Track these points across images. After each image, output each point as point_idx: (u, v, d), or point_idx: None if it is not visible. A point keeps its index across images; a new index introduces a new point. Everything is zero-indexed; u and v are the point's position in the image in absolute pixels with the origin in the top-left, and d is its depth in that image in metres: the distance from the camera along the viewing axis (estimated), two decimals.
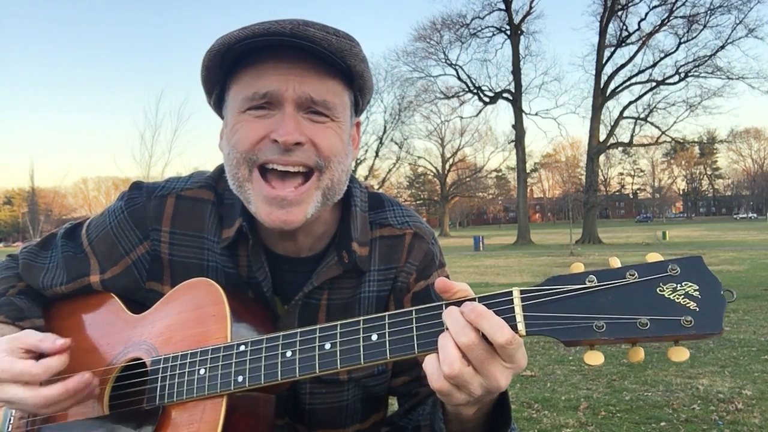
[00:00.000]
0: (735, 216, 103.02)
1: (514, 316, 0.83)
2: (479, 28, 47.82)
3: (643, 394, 5.11)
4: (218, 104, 1.12)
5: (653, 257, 0.81)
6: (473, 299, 0.86)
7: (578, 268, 0.84)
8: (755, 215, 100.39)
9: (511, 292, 0.84)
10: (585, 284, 0.81)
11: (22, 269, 1.26)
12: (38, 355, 1.05)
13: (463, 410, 0.92)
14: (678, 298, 0.77)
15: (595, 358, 0.80)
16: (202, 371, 0.99)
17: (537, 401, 5.04)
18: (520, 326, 0.82)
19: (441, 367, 0.82)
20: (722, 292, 0.76)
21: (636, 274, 0.79)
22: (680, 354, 0.77)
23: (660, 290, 0.78)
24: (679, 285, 0.77)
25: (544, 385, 5.56)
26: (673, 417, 4.52)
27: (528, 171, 58.77)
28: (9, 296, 1.21)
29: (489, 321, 0.81)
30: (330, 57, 0.98)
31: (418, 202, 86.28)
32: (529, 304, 0.83)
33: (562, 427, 4.42)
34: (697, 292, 0.76)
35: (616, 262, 0.82)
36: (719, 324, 0.75)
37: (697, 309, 0.76)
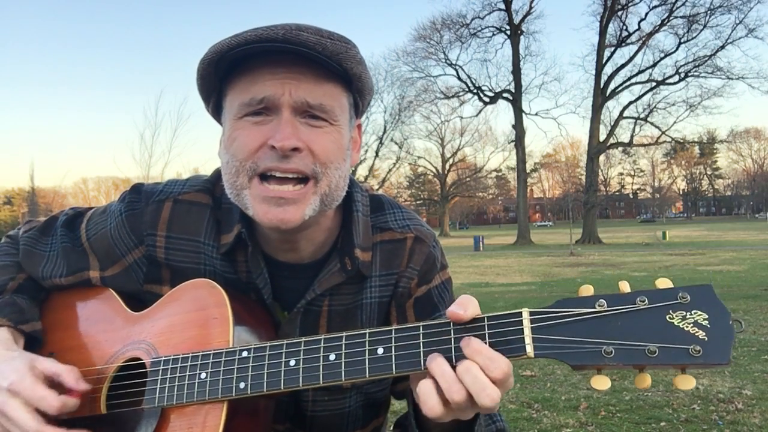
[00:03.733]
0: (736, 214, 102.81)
1: (523, 338, 0.82)
2: (479, 28, 47.77)
3: (643, 394, 5.10)
4: (216, 111, 1.11)
5: (663, 283, 0.81)
6: (482, 318, 0.86)
7: (587, 291, 0.83)
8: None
9: (521, 313, 0.84)
10: (595, 308, 0.81)
11: (23, 256, 1.24)
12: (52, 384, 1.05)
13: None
14: (687, 327, 0.77)
15: (602, 382, 0.80)
16: (203, 375, 0.99)
17: (537, 401, 5.04)
18: (529, 348, 0.82)
19: (449, 395, 0.82)
20: (731, 322, 0.76)
21: (646, 301, 0.79)
22: (687, 382, 0.77)
23: (670, 318, 0.78)
24: (688, 313, 0.77)
25: (544, 385, 5.56)
26: (673, 417, 4.52)
27: (528, 171, 58.67)
28: (9, 292, 1.21)
29: (483, 356, 0.83)
30: (325, 61, 0.98)
31: (418, 202, 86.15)
32: (538, 326, 0.82)
33: (562, 427, 4.42)
34: (707, 322, 0.76)
35: (626, 287, 0.82)
36: (727, 355, 0.74)
37: (706, 338, 0.76)
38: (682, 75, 44.99)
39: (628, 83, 46.65)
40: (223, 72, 1.02)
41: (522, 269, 20.90)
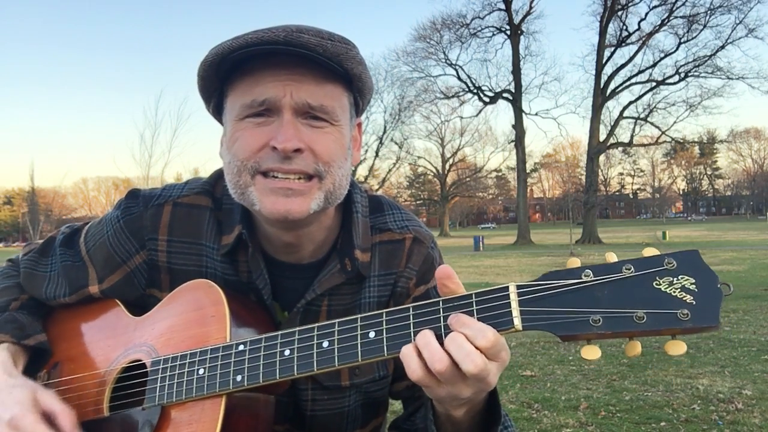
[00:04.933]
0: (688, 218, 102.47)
1: (511, 311, 0.83)
2: (479, 28, 47.85)
3: (643, 394, 5.10)
4: (217, 111, 1.11)
5: (650, 252, 0.81)
6: (470, 295, 0.86)
7: (574, 263, 0.84)
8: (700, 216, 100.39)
9: (507, 287, 0.84)
10: (581, 279, 0.81)
11: (24, 278, 1.26)
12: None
13: (453, 411, 0.92)
14: (674, 292, 0.76)
15: (592, 352, 0.80)
16: (201, 371, 1.00)
17: (537, 401, 5.04)
18: (517, 321, 0.82)
19: (431, 364, 0.83)
20: (719, 285, 0.76)
21: (632, 268, 0.79)
22: (677, 348, 0.77)
23: (656, 284, 0.78)
24: (675, 278, 0.77)
25: (544, 385, 5.56)
26: (673, 417, 4.52)
27: (528, 171, 58.75)
28: (11, 311, 1.21)
29: (471, 329, 0.83)
30: (326, 62, 0.98)
31: (418, 202, 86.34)
32: (525, 299, 0.83)
33: (562, 427, 4.41)
34: (694, 286, 0.76)
35: (612, 257, 0.82)
36: (716, 317, 0.74)
37: (694, 302, 0.75)
38: (682, 75, 45.06)
39: (628, 83, 46.73)
40: (223, 73, 1.02)
41: (522, 269, 20.90)
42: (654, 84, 46.44)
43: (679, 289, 0.76)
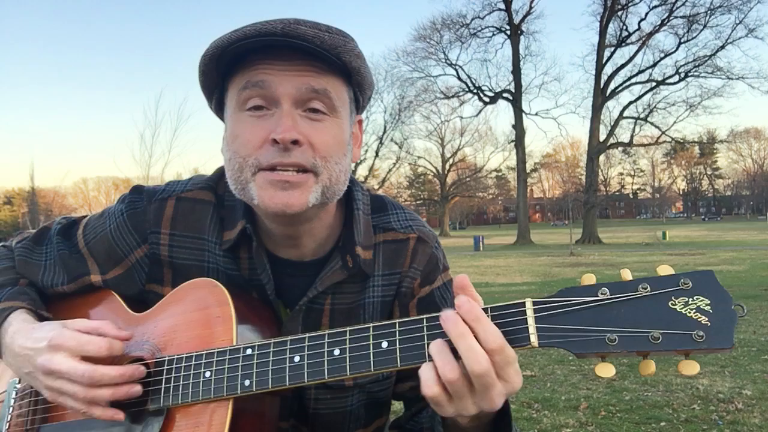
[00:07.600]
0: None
1: (527, 327, 0.83)
2: (479, 28, 47.77)
3: (643, 394, 5.11)
4: (219, 108, 1.12)
5: (664, 270, 0.81)
6: (485, 309, 0.86)
7: (590, 279, 0.84)
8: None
9: (524, 303, 0.84)
10: (598, 296, 0.81)
11: (19, 265, 1.25)
12: None
13: (459, 419, 0.92)
14: (690, 313, 0.77)
15: (606, 370, 0.81)
16: (207, 374, 0.99)
17: (537, 401, 5.04)
18: (533, 338, 0.82)
19: (443, 373, 0.82)
20: (733, 307, 0.77)
21: (648, 288, 0.80)
22: (691, 367, 0.78)
23: (672, 304, 0.78)
24: (690, 299, 0.78)
25: (544, 385, 5.57)
26: (673, 417, 4.53)
27: (528, 171, 58.70)
28: (22, 286, 1.21)
29: (483, 326, 0.82)
30: (324, 54, 0.99)
31: (418, 202, 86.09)
32: (541, 316, 0.83)
33: (562, 427, 4.42)
34: (709, 307, 0.77)
35: (627, 275, 0.83)
36: (730, 339, 0.75)
37: (709, 324, 0.76)
38: (682, 75, 44.99)
39: (628, 83, 46.65)
40: (224, 68, 1.03)
41: (522, 269, 20.89)
42: (654, 84, 46.38)
43: (694, 310, 0.77)
